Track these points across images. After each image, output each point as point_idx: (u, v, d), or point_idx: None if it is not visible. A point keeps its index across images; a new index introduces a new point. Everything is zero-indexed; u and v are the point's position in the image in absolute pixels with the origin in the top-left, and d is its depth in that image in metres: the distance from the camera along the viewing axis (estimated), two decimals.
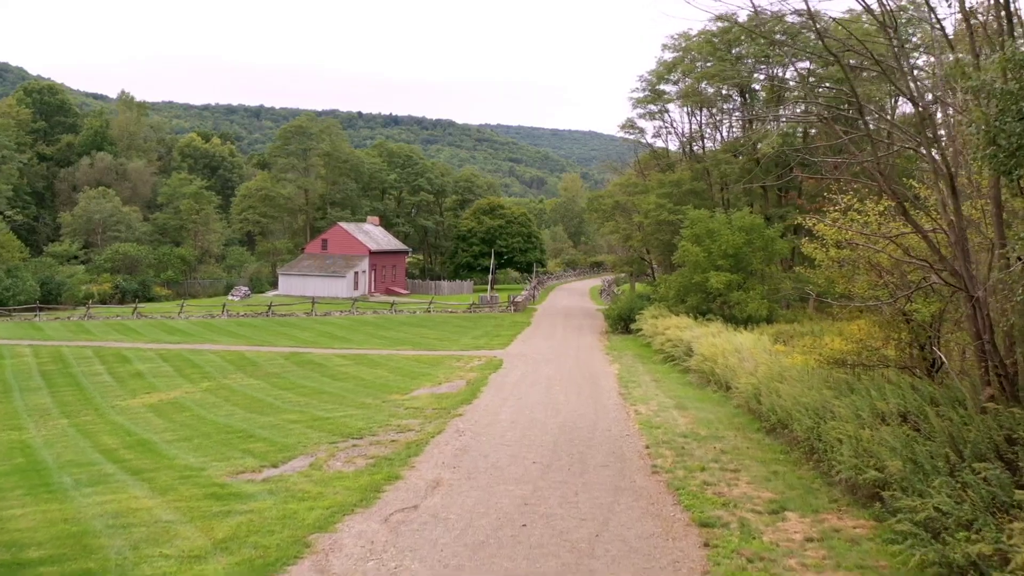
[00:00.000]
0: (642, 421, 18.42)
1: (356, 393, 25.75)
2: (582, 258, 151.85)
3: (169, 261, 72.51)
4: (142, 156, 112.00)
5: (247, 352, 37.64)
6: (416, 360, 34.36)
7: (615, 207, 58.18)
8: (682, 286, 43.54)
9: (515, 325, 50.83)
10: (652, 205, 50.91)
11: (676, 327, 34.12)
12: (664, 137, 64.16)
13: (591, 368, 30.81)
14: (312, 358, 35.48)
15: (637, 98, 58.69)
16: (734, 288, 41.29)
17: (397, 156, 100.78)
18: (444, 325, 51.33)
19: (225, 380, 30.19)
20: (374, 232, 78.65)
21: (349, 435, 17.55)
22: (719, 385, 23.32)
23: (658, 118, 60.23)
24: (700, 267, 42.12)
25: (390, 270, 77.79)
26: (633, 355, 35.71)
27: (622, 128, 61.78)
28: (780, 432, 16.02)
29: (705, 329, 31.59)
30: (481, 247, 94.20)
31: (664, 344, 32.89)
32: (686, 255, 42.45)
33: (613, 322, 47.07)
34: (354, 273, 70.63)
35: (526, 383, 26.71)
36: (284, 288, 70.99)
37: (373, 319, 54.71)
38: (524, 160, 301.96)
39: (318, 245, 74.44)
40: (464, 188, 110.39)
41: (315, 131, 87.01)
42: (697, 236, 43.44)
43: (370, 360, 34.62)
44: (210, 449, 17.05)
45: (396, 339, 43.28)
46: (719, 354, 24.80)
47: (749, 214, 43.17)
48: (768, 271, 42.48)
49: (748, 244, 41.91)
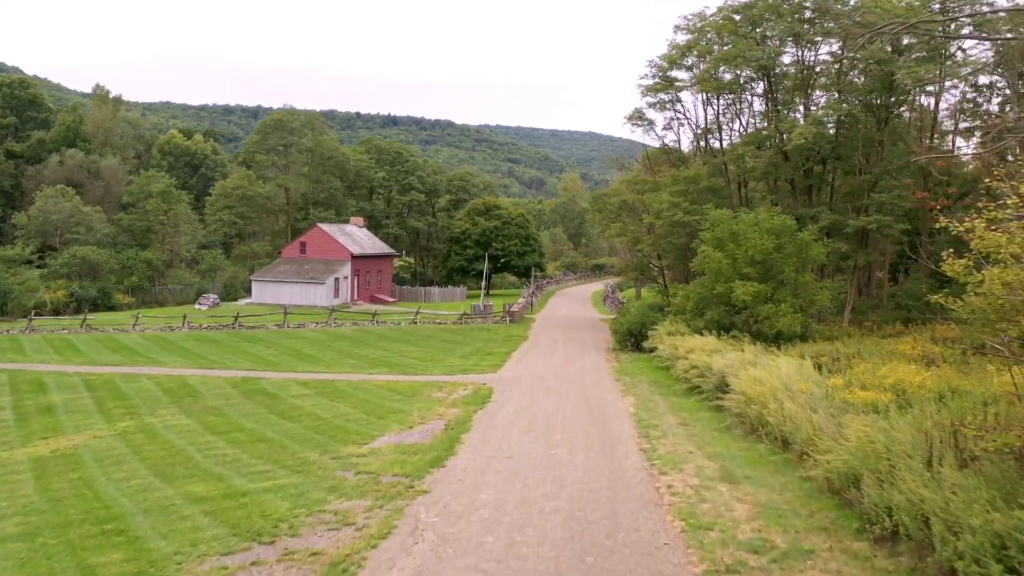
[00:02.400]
0: (682, 511, 12.97)
1: (303, 442, 20.38)
2: (583, 261, 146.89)
3: (134, 266, 66.81)
4: (117, 153, 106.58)
5: (192, 377, 32.18)
6: (389, 389, 28.94)
7: (622, 207, 52.73)
8: (701, 297, 38.27)
9: (510, 340, 45.42)
10: (665, 204, 45.51)
11: (701, 350, 28.70)
12: (676, 130, 59.27)
13: (600, 402, 25.39)
14: (266, 386, 30.05)
15: (646, 85, 53.27)
16: (762, 300, 36.06)
17: (386, 153, 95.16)
18: (430, 340, 45.92)
19: (151, 418, 24.75)
20: (358, 234, 72.98)
21: (257, 537, 12.13)
22: (772, 438, 17.89)
23: (669, 108, 54.84)
24: (723, 276, 36.90)
25: (375, 276, 72.11)
26: (648, 382, 30.31)
27: (629, 119, 56.27)
28: (903, 544, 10.57)
29: (738, 354, 26.17)
30: (476, 250, 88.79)
31: (688, 372, 27.47)
32: (707, 262, 37.17)
33: (621, 338, 41.65)
34: (334, 279, 65.02)
35: (519, 426, 21.33)
36: (258, 296, 65.42)
37: (351, 332, 49.27)
38: (523, 161, 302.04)
39: (296, 248, 68.84)
40: (458, 187, 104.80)
41: (296, 125, 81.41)
42: (719, 240, 38.18)
43: (334, 389, 29.19)
44: (37, 567, 11.57)
45: (372, 358, 37.84)
46: (767, 394, 19.38)
47: (779, 214, 37.81)
48: (802, 280, 37.12)
49: (778, 249, 36.71)
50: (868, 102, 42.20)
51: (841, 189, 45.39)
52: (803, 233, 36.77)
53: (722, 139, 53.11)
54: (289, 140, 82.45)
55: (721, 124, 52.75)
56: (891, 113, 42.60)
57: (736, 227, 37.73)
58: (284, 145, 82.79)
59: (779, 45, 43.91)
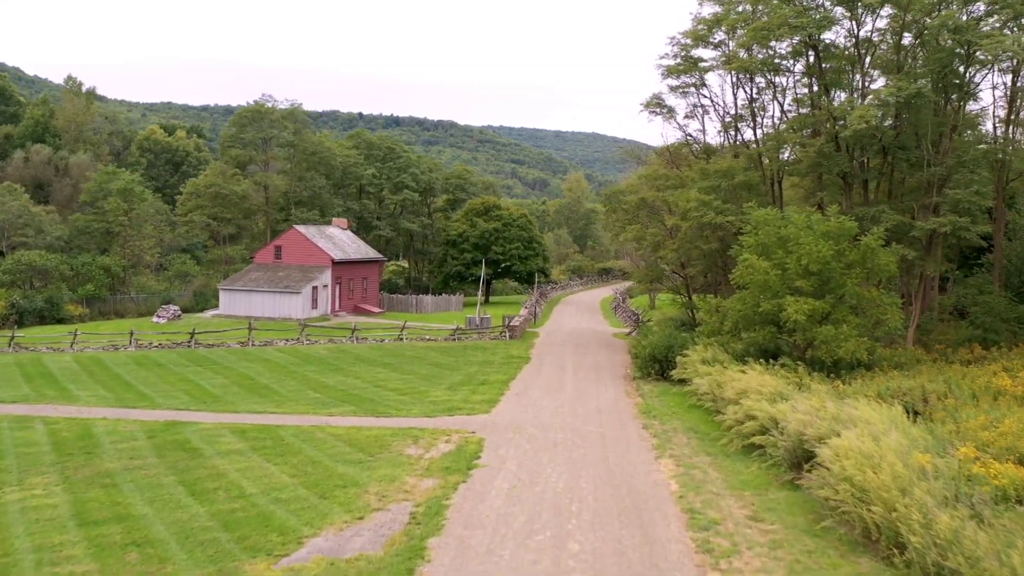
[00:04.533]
0: None
1: (197, 546, 14.04)
2: (589, 264, 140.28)
3: (90, 273, 60.11)
4: (90, 149, 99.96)
5: (102, 422, 25.58)
6: (349, 442, 22.39)
7: (640, 206, 45.99)
8: (743, 316, 31.73)
9: (509, 363, 38.84)
10: (693, 203, 38.87)
11: (758, 392, 22.02)
12: (700, 118, 51.83)
13: (629, 474, 18.77)
14: (191, 435, 23.47)
15: (668, 66, 46.65)
16: (818, 319, 29.61)
17: (376, 148, 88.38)
18: (415, 362, 39.33)
19: (11, 492, 18.21)
20: (340, 237, 66.09)
21: None
22: (909, 564, 11.23)
23: (693, 93, 48.21)
24: (770, 290, 30.50)
25: (359, 283, 65.24)
26: (686, 431, 23.71)
27: (646, 107, 49.60)
28: None
29: (815, 401, 19.55)
30: (474, 254, 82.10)
31: (744, 424, 20.77)
32: (750, 273, 30.69)
33: (643, 363, 34.96)
34: (312, 288, 58.20)
35: (516, 525, 14.85)
36: (227, 307, 58.69)
37: (323, 352, 42.65)
38: (527, 162, 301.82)
39: (270, 253, 62.04)
40: (456, 186, 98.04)
41: (276, 117, 74.67)
42: (765, 246, 31.73)
43: (277, 441, 22.62)
44: None
45: (339, 390, 31.25)
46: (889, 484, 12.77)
47: (837, 214, 31.25)
48: (866, 295, 30.56)
49: (837, 257, 30.21)
50: (940, 80, 35.50)
51: (904, 184, 38.77)
52: (867, 238, 30.22)
53: (756, 127, 46.42)
54: (268, 133, 75.66)
55: (755, 110, 46.01)
56: (967, 94, 35.94)
57: (786, 230, 31.24)
58: (263, 138, 75.99)
59: (829, 9, 37.12)
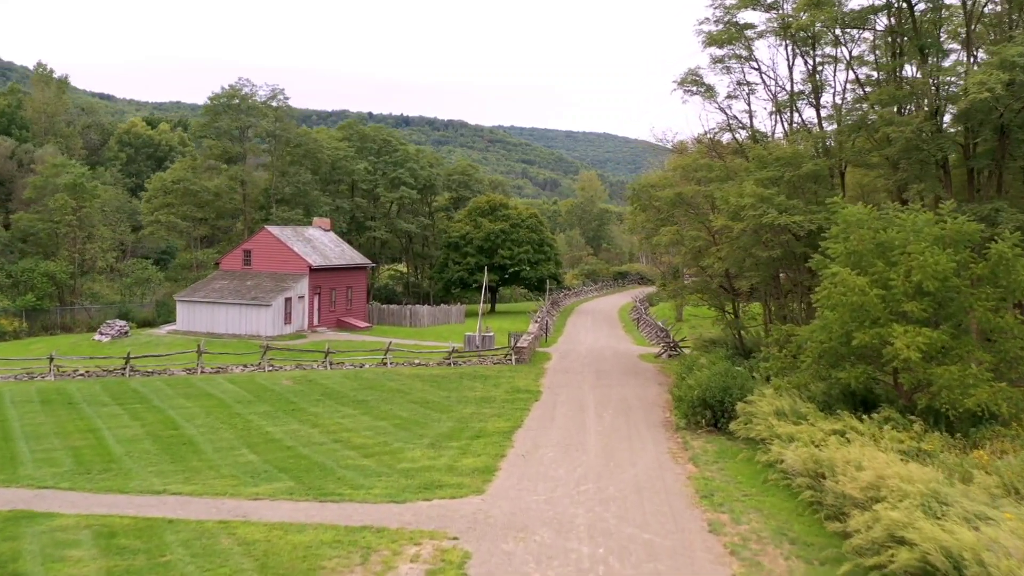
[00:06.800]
0: None
1: None
2: (604, 267, 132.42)
3: (32, 281, 52.57)
4: (62, 142, 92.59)
5: None
6: (262, 562, 14.50)
7: (675, 203, 37.93)
8: (827, 349, 23.85)
9: (514, 401, 31.05)
10: (749, 199, 30.79)
11: (901, 490, 13.93)
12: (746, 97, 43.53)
13: None
14: (27, 546, 15.66)
15: (709, 32, 38.78)
16: (936, 354, 21.87)
17: (371, 140, 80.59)
18: (395, 399, 31.56)
19: None
20: (321, 240, 58.07)
21: None
22: None
23: (738, 67, 40.20)
24: (867, 314, 22.55)
25: (343, 294, 57.24)
26: (775, 536, 15.78)
27: (680, 84, 41.49)
28: None
29: (1015, 527, 11.52)
30: (478, 258, 74.38)
31: (892, 554, 12.66)
32: (840, 292, 22.77)
33: (691, 409, 26.84)
34: (285, 299, 50.27)
35: None
36: (185, 321, 50.92)
37: (286, 384, 34.88)
38: (537, 162, 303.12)
39: (238, 258, 54.25)
40: (459, 183, 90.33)
41: (254, 103, 66.93)
42: (857, 255, 23.80)
43: (152, 559, 14.78)
44: None
45: (283, 449, 23.42)
46: None
47: (951, 212, 23.38)
48: (999, 323, 22.69)
49: (959, 272, 22.47)
50: None
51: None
52: (999, 244, 22.32)
53: (819, 106, 38.28)
54: (245, 122, 67.90)
55: (818, 84, 37.90)
56: None
57: (887, 235, 23.32)
58: (240, 128, 68.19)
59: None
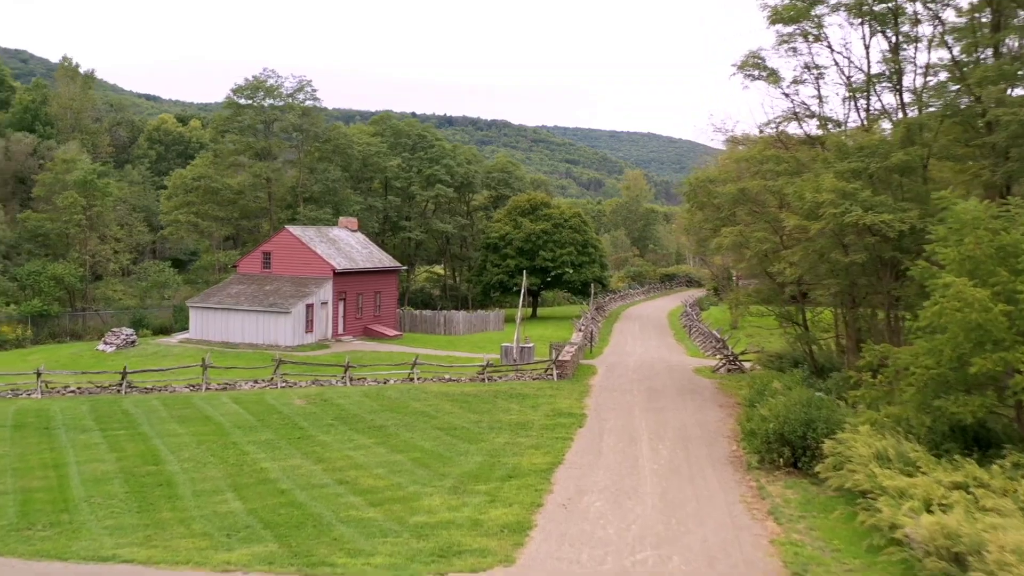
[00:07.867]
0: None
1: None
2: (650, 269, 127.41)
3: (38, 285, 49.57)
4: (88, 139, 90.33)
5: None
6: None
7: (738, 200, 33.28)
8: (935, 376, 19.19)
9: (554, 428, 26.70)
10: (828, 194, 26.03)
11: None
12: (815, 82, 38.58)
13: None
14: None
15: (774, 7, 34.06)
16: None
17: (405, 136, 76.72)
18: (417, 424, 27.41)
19: None
20: (347, 241, 54.15)
21: None
22: None
23: (803, 50, 35.39)
24: (988, 335, 17.91)
25: (371, 299, 53.22)
26: None
27: (740, 68, 36.54)
28: None
29: None
30: (518, 260, 70.11)
31: None
32: (955, 308, 18.09)
33: (766, 445, 22.21)
34: (306, 306, 46.42)
35: None
36: (198, 329, 47.40)
37: (297, 404, 30.94)
38: (581, 162, 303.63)
39: (257, 261, 50.67)
40: (499, 181, 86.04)
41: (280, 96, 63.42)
42: (974, 262, 19.07)
43: None
44: None
45: (275, 495, 19.30)
46: None
47: None
48: None
49: None
50: None
51: None
52: None
53: (901, 89, 33.34)
54: (270, 116, 64.40)
55: (900, 66, 32.96)
56: None
57: (1011, 237, 18.60)
58: (264, 122, 64.74)
59: None
